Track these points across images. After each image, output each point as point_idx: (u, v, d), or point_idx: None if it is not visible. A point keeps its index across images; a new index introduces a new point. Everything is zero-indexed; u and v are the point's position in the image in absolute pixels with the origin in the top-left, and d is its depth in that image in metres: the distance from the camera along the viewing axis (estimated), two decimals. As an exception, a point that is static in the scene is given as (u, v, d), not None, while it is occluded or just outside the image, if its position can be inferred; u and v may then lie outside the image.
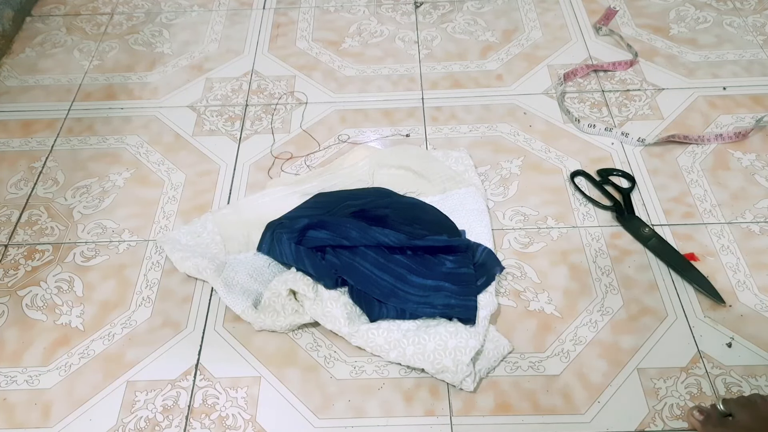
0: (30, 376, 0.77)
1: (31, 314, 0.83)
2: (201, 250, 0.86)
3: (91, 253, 0.89)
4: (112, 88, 1.14)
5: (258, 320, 0.78)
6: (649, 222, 0.89)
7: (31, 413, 0.74)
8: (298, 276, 0.79)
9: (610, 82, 1.11)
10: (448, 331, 0.74)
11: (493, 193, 0.94)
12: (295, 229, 0.82)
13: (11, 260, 0.89)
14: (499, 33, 1.22)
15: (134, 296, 0.84)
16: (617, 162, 0.98)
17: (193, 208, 0.94)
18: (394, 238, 0.80)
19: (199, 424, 0.72)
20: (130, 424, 0.73)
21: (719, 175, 0.95)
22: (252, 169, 0.99)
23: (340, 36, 1.23)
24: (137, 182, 0.98)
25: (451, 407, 0.73)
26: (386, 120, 1.06)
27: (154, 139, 1.05)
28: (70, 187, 0.98)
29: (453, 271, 0.80)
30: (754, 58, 1.13)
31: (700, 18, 1.22)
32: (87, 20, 1.29)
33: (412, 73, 1.14)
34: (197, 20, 1.28)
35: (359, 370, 0.76)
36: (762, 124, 1.01)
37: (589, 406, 0.72)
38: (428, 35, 1.22)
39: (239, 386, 0.75)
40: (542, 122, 1.04)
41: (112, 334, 0.81)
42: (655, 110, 1.05)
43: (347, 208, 0.87)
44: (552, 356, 0.77)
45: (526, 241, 0.88)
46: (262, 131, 1.05)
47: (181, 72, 1.17)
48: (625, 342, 0.77)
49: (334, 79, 1.14)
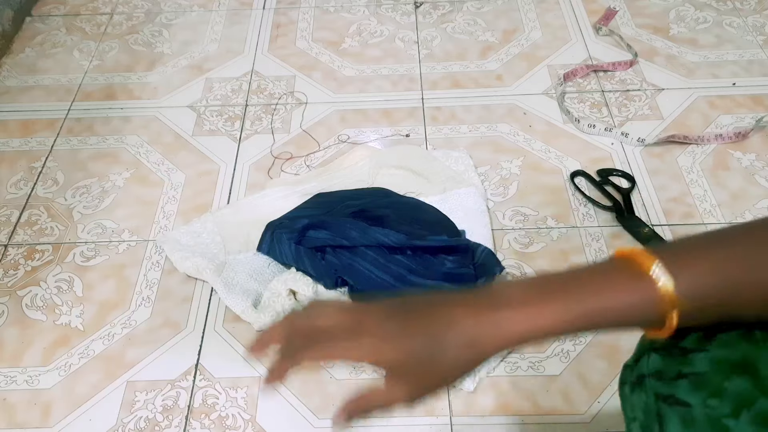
0: (30, 376, 0.77)
1: (31, 314, 0.83)
2: (201, 250, 0.86)
3: (91, 253, 0.89)
4: (112, 88, 1.14)
5: (258, 320, 0.78)
6: (649, 222, 0.89)
7: (31, 413, 0.74)
8: (298, 276, 0.79)
9: (610, 82, 1.11)
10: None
11: (493, 193, 0.94)
12: (295, 229, 0.82)
13: (11, 260, 0.89)
14: (499, 33, 1.22)
15: (134, 296, 0.84)
16: (617, 162, 0.98)
17: (193, 208, 0.94)
18: (394, 238, 0.80)
19: (199, 424, 0.72)
20: (130, 424, 0.73)
21: (719, 176, 0.95)
22: (252, 169, 0.99)
23: (340, 36, 1.23)
24: (137, 182, 0.98)
25: (451, 407, 0.73)
26: (386, 120, 1.06)
27: (154, 139, 1.05)
28: (70, 187, 0.98)
29: (453, 271, 0.80)
30: (754, 58, 1.13)
31: (700, 18, 1.22)
32: (87, 20, 1.29)
33: (412, 73, 1.14)
34: (197, 20, 1.28)
35: (359, 370, 0.76)
36: (762, 124, 1.01)
37: (589, 406, 0.72)
38: (428, 35, 1.22)
39: (239, 386, 0.75)
40: (542, 122, 1.04)
41: (112, 334, 0.81)
42: (655, 110, 1.05)
43: (347, 208, 0.87)
44: (552, 356, 0.77)
45: (526, 242, 0.88)
46: (262, 131, 1.05)
47: (181, 72, 1.17)
48: (625, 342, 0.77)
49: (334, 79, 1.14)
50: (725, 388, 0.36)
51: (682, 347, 0.38)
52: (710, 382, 0.37)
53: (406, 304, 0.39)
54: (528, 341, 0.36)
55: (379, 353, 0.37)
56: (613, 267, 0.38)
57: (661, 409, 0.39)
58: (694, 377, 0.38)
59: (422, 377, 0.37)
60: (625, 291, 0.36)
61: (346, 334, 0.38)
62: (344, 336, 0.38)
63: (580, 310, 0.36)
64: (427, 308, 0.38)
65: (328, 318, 0.39)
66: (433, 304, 0.38)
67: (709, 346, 0.38)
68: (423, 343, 0.36)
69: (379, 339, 0.37)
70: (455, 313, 0.37)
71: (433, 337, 0.36)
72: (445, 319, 0.37)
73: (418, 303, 0.39)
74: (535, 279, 0.38)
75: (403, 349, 0.37)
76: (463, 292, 0.39)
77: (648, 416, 0.40)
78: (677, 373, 0.38)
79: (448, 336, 0.36)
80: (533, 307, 0.36)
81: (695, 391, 0.37)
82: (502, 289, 0.38)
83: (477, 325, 0.36)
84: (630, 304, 0.36)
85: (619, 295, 0.36)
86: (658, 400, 0.39)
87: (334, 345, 0.38)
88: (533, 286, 0.38)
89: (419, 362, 0.37)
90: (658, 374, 0.40)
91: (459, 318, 0.37)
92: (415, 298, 0.40)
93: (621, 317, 0.37)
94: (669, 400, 0.39)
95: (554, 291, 0.37)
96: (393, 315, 0.38)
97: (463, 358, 0.37)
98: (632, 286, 0.36)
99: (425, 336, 0.37)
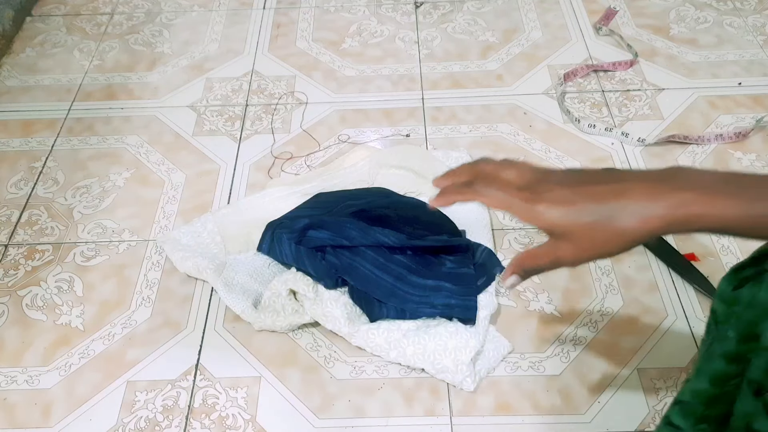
0: (30, 376, 0.77)
1: (31, 314, 0.83)
2: (201, 250, 0.86)
3: (91, 253, 0.89)
4: (112, 88, 1.14)
5: (258, 320, 0.78)
6: (649, 222, 0.89)
7: (31, 413, 0.74)
8: (298, 276, 0.79)
9: (610, 82, 1.11)
10: (448, 331, 0.74)
11: (493, 193, 0.94)
12: (295, 229, 0.82)
13: (11, 260, 0.89)
14: (499, 33, 1.22)
15: (134, 296, 0.84)
16: (617, 162, 0.98)
17: (193, 208, 0.94)
18: (395, 238, 0.80)
19: (199, 424, 0.72)
20: (130, 424, 0.73)
21: (719, 175, 0.95)
22: (252, 169, 0.99)
23: (340, 36, 1.23)
24: (137, 182, 0.98)
25: (451, 407, 0.73)
26: (386, 120, 1.06)
27: (154, 139, 1.05)
28: (70, 187, 0.98)
29: (453, 271, 0.80)
30: (754, 59, 1.13)
31: (700, 18, 1.22)
32: (87, 20, 1.29)
33: (412, 73, 1.14)
34: (197, 20, 1.28)
35: (359, 370, 0.76)
36: (762, 124, 1.01)
37: (589, 406, 0.72)
38: (428, 35, 1.22)
39: (239, 386, 0.75)
40: (542, 122, 1.04)
41: (112, 334, 0.81)
42: (655, 110, 1.05)
43: (347, 208, 0.87)
44: (552, 356, 0.77)
45: (526, 241, 0.88)
46: (262, 131, 1.05)
47: (181, 72, 1.17)
48: (625, 342, 0.77)
49: (334, 79, 1.14)
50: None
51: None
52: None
53: (586, 174, 0.41)
54: (699, 226, 0.37)
55: (548, 218, 0.39)
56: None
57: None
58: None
59: (588, 242, 0.39)
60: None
61: (523, 194, 0.41)
62: (521, 196, 0.41)
63: (762, 210, 0.36)
64: (606, 178, 0.40)
65: (513, 172, 0.42)
66: (612, 175, 0.40)
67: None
68: (592, 210, 0.38)
69: (552, 204, 0.39)
70: (633, 188, 0.38)
71: (605, 206, 0.38)
72: (620, 190, 0.38)
73: (597, 174, 0.41)
74: (720, 172, 0.39)
75: (570, 216, 0.39)
76: (644, 171, 0.40)
77: (754, 311, 0.40)
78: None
79: (620, 206, 0.38)
80: (718, 195, 0.36)
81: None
82: (687, 173, 0.38)
83: (653, 200, 0.37)
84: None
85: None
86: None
87: (509, 199, 0.41)
88: (721, 176, 0.38)
89: (585, 228, 0.38)
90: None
91: (636, 192, 0.38)
92: (597, 170, 0.41)
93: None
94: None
95: (742, 186, 0.37)
96: (570, 182, 0.40)
97: (630, 230, 0.38)
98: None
99: (597, 204, 0.38)
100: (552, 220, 0.40)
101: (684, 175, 0.38)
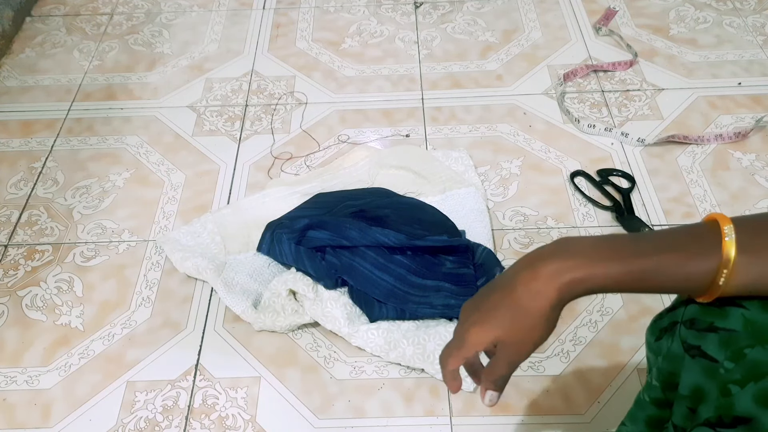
0: (30, 376, 0.77)
1: (31, 314, 0.83)
2: (201, 250, 0.86)
3: (91, 254, 0.89)
4: (112, 89, 1.14)
5: (258, 320, 0.78)
6: (649, 222, 0.89)
7: (31, 413, 0.74)
8: (298, 276, 0.79)
9: (610, 82, 1.11)
10: (448, 331, 0.74)
11: (493, 193, 0.94)
12: (295, 229, 0.82)
13: (11, 260, 0.89)
14: (499, 33, 1.22)
15: (134, 296, 0.84)
16: (617, 162, 0.98)
17: (193, 208, 0.94)
18: (394, 238, 0.80)
19: (199, 425, 0.72)
20: (130, 425, 0.73)
21: (719, 176, 0.95)
22: (252, 169, 0.99)
23: (340, 36, 1.23)
24: (137, 182, 0.98)
25: (451, 407, 0.73)
26: (386, 120, 1.06)
27: (154, 139, 1.05)
28: (70, 188, 0.98)
29: (453, 271, 0.80)
30: (754, 58, 1.13)
31: (699, 18, 1.22)
32: (87, 20, 1.29)
33: (412, 74, 1.14)
34: (197, 20, 1.28)
35: (359, 371, 0.76)
36: (762, 124, 1.01)
37: (589, 406, 0.72)
38: (428, 35, 1.22)
39: (239, 386, 0.75)
40: (542, 122, 1.04)
41: (112, 335, 0.81)
42: (655, 110, 1.05)
43: (347, 208, 0.87)
44: (552, 356, 0.77)
45: (526, 242, 0.88)
46: (262, 131, 1.05)
47: (181, 72, 1.17)
48: (625, 342, 0.77)
49: (334, 80, 1.14)
50: (745, 354, 0.38)
51: (720, 298, 0.40)
52: (736, 342, 0.38)
53: (486, 288, 0.45)
54: (589, 287, 0.40)
55: (478, 343, 0.43)
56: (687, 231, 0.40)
57: (684, 359, 0.42)
58: (725, 333, 0.39)
59: (518, 338, 0.42)
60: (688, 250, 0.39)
61: (454, 342, 0.45)
62: (454, 344, 0.45)
63: (639, 266, 0.39)
64: (501, 281, 0.43)
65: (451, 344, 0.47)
66: (505, 275, 0.43)
67: (748, 303, 0.39)
68: (500, 316, 0.42)
69: (473, 331, 0.43)
70: (520, 277, 0.41)
71: (506, 308, 0.42)
72: (511, 286, 0.42)
73: (494, 282, 0.44)
74: (599, 237, 0.42)
75: (489, 333, 0.43)
76: (533, 254, 0.43)
77: (670, 363, 0.43)
78: (709, 325, 0.40)
79: (515, 300, 0.41)
80: (598, 258, 0.39)
81: (721, 348, 0.39)
82: (568, 243, 0.41)
83: (539, 279, 0.40)
84: (687, 268, 0.38)
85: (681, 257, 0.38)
86: (684, 348, 0.42)
87: (450, 356, 0.45)
88: (599, 240, 0.41)
89: (505, 331, 0.42)
90: (691, 322, 0.42)
91: (523, 278, 0.41)
92: (494, 279, 0.45)
93: (673, 281, 0.39)
94: (693, 351, 0.41)
95: (616, 247, 0.40)
96: (478, 304, 0.44)
97: (537, 310, 0.41)
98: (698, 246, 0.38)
99: (499, 310, 0.42)
100: (482, 343, 0.43)
101: (565, 245, 0.41)
